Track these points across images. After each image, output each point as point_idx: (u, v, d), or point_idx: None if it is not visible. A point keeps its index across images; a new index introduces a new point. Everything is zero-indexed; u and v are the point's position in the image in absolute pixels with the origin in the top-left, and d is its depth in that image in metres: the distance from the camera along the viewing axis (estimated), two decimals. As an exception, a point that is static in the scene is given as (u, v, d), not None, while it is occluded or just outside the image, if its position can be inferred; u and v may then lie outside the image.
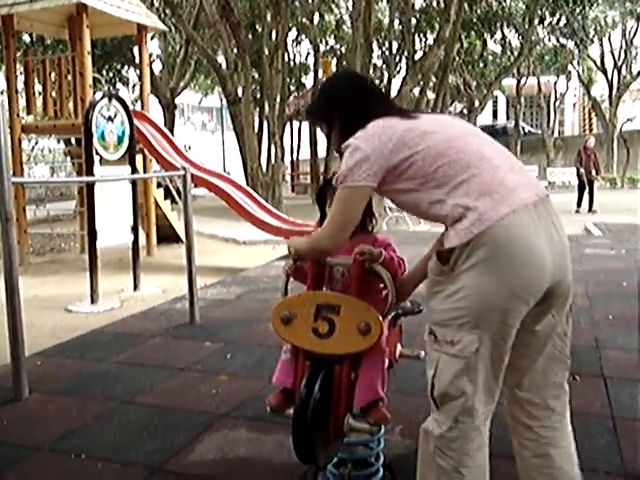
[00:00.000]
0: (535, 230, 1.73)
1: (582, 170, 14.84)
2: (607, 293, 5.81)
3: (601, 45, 27.60)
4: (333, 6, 21.92)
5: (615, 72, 27.98)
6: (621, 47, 27.87)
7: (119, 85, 22.63)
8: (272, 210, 8.82)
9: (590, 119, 35.47)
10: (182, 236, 9.21)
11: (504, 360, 1.82)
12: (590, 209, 14.62)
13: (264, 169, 15.04)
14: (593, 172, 14.83)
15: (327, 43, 24.21)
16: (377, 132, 1.86)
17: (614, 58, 27.94)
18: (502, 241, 1.70)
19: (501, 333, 1.76)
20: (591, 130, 34.67)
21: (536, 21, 18.02)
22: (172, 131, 21.89)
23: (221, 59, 18.73)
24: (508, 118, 34.74)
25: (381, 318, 2.14)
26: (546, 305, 1.84)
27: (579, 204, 14.85)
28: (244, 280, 6.89)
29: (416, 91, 17.18)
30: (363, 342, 2.13)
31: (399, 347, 2.70)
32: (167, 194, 10.48)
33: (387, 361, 2.52)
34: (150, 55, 20.99)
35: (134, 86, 22.47)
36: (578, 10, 17.04)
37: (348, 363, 2.19)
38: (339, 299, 2.20)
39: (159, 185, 10.50)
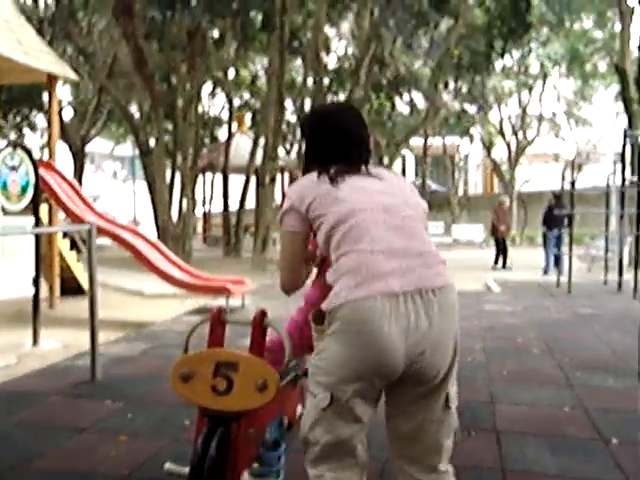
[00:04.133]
0: (388, 318, 1.82)
1: (502, 228, 15.35)
2: (503, 349, 6.10)
3: (500, 111, 29.48)
4: (249, 62, 22.39)
5: (513, 137, 29.88)
6: (517, 114, 29.89)
7: (27, 130, 22.03)
8: (179, 263, 8.75)
9: (492, 179, 37.43)
10: (86, 288, 8.99)
11: (359, 422, 1.93)
12: (504, 265, 15.23)
13: (175, 221, 14.95)
14: (502, 228, 15.33)
15: (242, 97, 24.61)
16: (304, 186, 2.07)
17: (511, 124, 29.90)
18: (349, 320, 1.86)
19: (347, 399, 1.90)
20: (492, 190, 36.56)
21: (441, 86, 19.09)
22: (81, 179, 21.40)
23: (135, 109, 18.67)
24: (416, 176, 36.14)
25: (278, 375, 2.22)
26: (407, 388, 1.95)
27: (496, 260, 15.45)
28: (149, 335, 6.76)
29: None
30: (260, 399, 2.19)
31: (299, 408, 2.76)
32: (73, 245, 10.20)
33: (286, 421, 2.58)
34: (61, 102, 20.66)
35: (43, 132, 21.93)
36: (478, 79, 18.21)
37: (245, 420, 2.24)
38: (238, 357, 2.26)
39: (65, 235, 10.21)
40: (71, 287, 9.66)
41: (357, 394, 1.89)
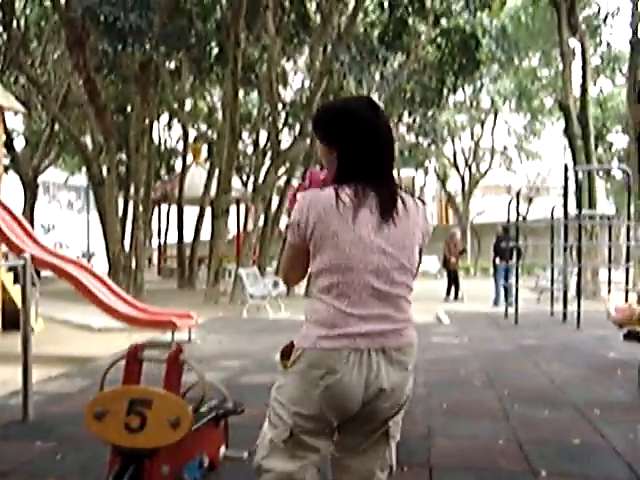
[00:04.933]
0: (351, 369, 1.92)
1: (453, 260, 15.53)
2: (445, 381, 6.16)
3: (453, 144, 30.16)
4: (206, 93, 22.47)
5: (466, 169, 30.55)
6: (470, 148, 30.63)
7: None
8: (125, 296, 8.63)
9: (447, 211, 38.08)
10: (32, 322, 8.79)
11: (316, 453, 2.03)
12: (456, 297, 15.38)
13: (127, 253, 14.77)
14: (453, 260, 15.53)
15: (199, 129, 24.63)
16: (317, 206, 1.95)
17: (465, 157, 30.61)
18: (314, 364, 1.94)
19: (305, 433, 1.99)
20: (448, 222, 37.18)
21: (394, 119, 19.42)
22: (33, 210, 21.03)
23: (88, 140, 18.52)
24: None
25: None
26: (355, 425, 2.06)
27: (448, 292, 15.60)
28: (91, 371, 6.62)
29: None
30: (173, 435, 2.19)
31: (223, 448, 2.74)
32: (17, 278, 9.96)
33: (207, 461, 2.57)
34: (11, 132, 20.37)
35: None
36: (430, 113, 18.63)
37: (158, 457, 2.23)
38: (152, 393, 2.26)
39: (10, 268, 9.99)
40: (14, 321, 9.40)
41: (315, 430, 1.99)
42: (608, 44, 23.31)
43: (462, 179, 30.78)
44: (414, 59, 17.50)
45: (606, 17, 21.18)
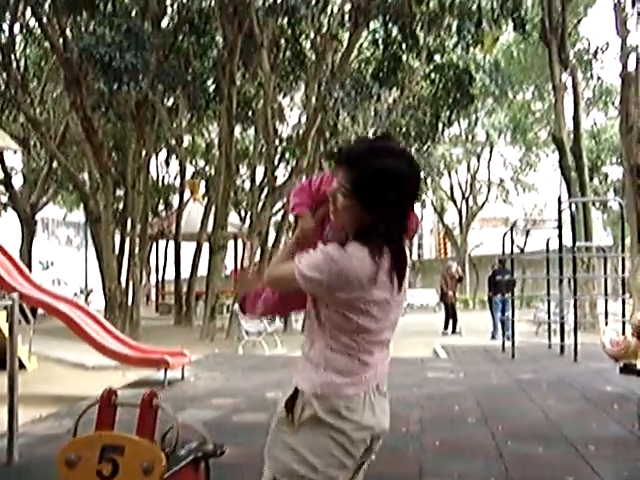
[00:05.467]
0: (369, 407, 1.93)
1: (450, 293, 15.42)
2: (439, 418, 6.09)
3: (450, 178, 30.33)
4: (203, 130, 22.70)
5: (463, 202, 30.67)
6: (467, 181, 30.80)
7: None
8: (117, 334, 8.60)
9: (445, 244, 38.11)
10: (25, 361, 8.72)
11: None
12: (454, 330, 15.26)
13: (124, 289, 14.74)
14: (450, 294, 15.46)
15: (197, 164, 24.80)
16: (358, 276, 1.84)
17: (462, 190, 30.76)
18: (334, 410, 1.88)
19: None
20: (446, 254, 37.17)
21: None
22: (31, 247, 21.05)
23: (86, 176, 18.64)
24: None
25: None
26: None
27: (445, 326, 15.49)
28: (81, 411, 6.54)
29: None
30: (145, 481, 2.16)
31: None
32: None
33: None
34: (9, 171, 20.52)
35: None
36: (425, 147, 18.79)
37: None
38: (125, 439, 2.23)
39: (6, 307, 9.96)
40: (5, 360, 9.34)
41: (346, 474, 1.95)
42: (599, 78, 23.63)
43: (459, 212, 30.89)
44: (408, 94, 17.70)
45: (596, 52, 21.51)
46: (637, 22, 16.16)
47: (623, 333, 9.12)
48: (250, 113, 17.85)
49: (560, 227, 10.81)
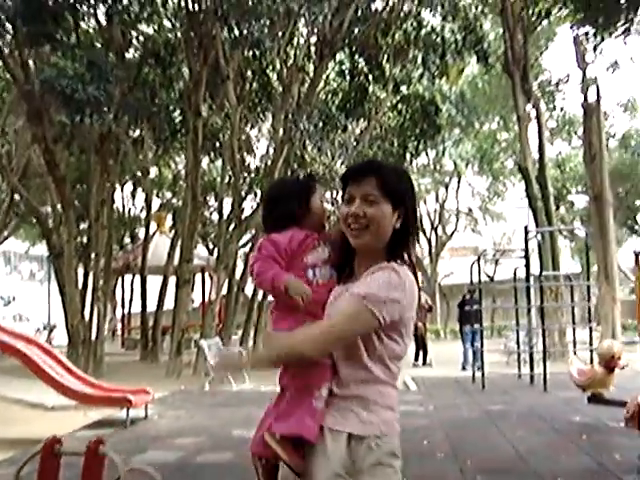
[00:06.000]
0: None
1: (420, 324, 15.32)
2: (407, 453, 5.81)
3: (418, 207, 30.48)
4: (170, 161, 22.50)
5: (432, 232, 30.85)
6: (436, 210, 31.03)
7: None
8: (78, 373, 8.30)
9: (415, 274, 38.17)
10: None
11: None
12: (424, 362, 15.15)
13: (87, 325, 14.36)
14: (420, 325, 15.32)
15: (163, 197, 24.53)
16: (410, 289, 1.85)
17: (430, 219, 30.95)
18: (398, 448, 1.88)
19: None
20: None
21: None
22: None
23: (48, 210, 18.29)
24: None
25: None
26: None
27: (416, 357, 15.38)
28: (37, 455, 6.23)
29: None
30: None
31: None
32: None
33: None
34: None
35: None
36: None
37: None
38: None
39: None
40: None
41: None
42: (562, 108, 24.14)
43: (429, 242, 31.03)
44: (375, 125, 17.81)
45: (558, 83, 22.00)
46: (595, 56, 16.59)
47: (591, 362, 9.12)
48: (217, 144, 17.76)
49: (527, 256, 10.85)
